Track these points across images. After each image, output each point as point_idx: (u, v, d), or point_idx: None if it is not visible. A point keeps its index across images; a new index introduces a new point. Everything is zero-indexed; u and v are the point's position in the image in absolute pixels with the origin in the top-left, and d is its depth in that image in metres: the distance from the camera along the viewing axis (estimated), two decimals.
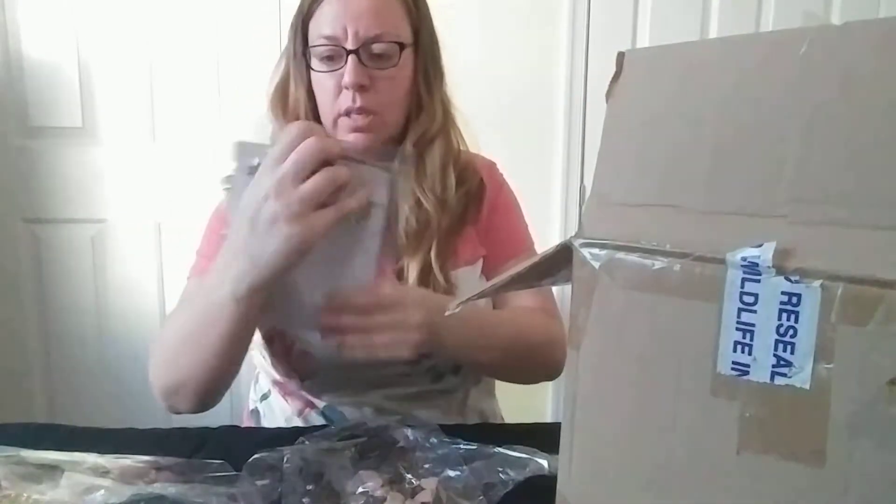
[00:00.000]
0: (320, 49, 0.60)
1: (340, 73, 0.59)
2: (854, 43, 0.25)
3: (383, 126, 0.62)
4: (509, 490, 0.42)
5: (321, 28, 0.60)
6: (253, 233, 0.47)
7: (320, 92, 0.62)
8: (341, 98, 0.60)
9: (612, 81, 0.32)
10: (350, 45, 0.58)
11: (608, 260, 0.30)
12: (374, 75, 0.59)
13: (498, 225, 0.70)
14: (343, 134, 0.61)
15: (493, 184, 0.71)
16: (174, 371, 0.54)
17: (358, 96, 0.59)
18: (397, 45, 0.60)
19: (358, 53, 0.58)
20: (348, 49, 0.58)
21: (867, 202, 0.24)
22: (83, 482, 0.42)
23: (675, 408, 0.28)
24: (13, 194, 1.31)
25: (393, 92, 0.61)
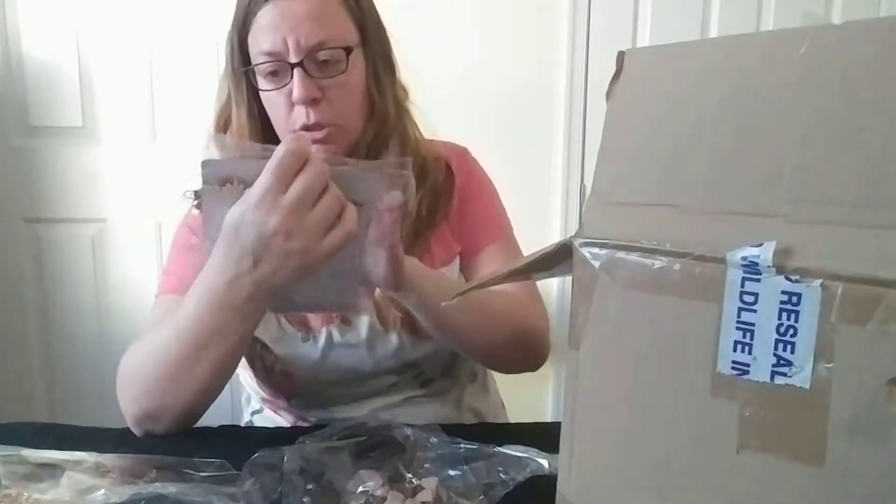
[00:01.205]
0: (263, 67, 0.56)
1: (288, 88, 0.55)
2: (854, 42, 0.25)
3: (343, 134, 0.59)
4: (510, 490, 0.42)
5: (260, 44, 0.55)
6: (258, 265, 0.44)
7: (271, 109, 0.58)
8: (294, 114, 0.56)
9: (612, 81, 0.32)
10: (293, 57, 0.54)
11: (608, 259, 0.30)
12: (324, 86, 0.56)
13: (470, 212, 0.66)
14: None
15: (462, 171, 0.67)
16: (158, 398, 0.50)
17: (311, 111, 0.55)
18: (343, 51, 0.56)
19: (303, 65, 0.54)
20: (292, 63, 0.54)
21: (867, 202, 0.24)
22: (84, 481, 0.42)
23: (675, 407, 0.28)
24: (13, 194, 1.32)
25: (347, 100, 0.58)
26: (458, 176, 0.66)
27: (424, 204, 0.62)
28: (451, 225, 0.66)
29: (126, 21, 1.27)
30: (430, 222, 0.63)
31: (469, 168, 0.70)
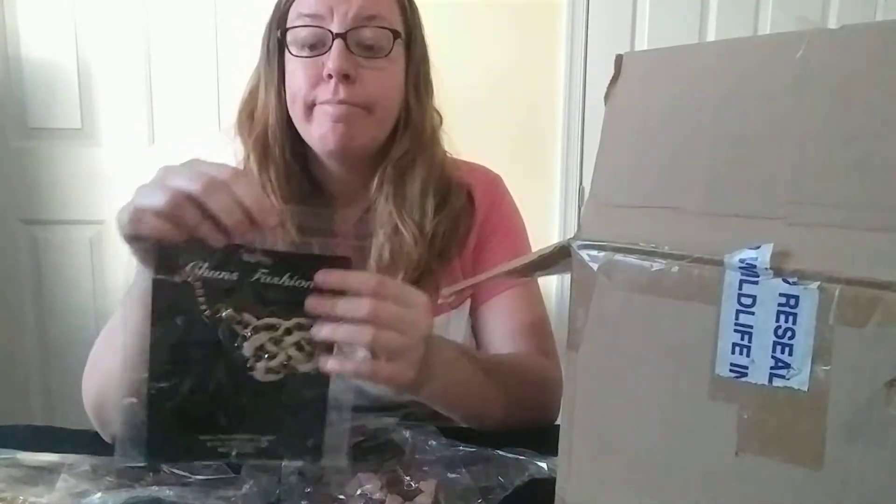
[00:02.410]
0: (300, 31, 0.51)
1: (322, 59, 0.50)
2: (851, 46, 0.25)
3: (366, 125, 0.52)
4: (508, 493, 0.42)
5: (302, 7, 0.51)
6: None
7: (293, 81, 0.52)
8: (319, 89, 0.51)
9: (610, 84, 0.32)
10: (336, 27, 0.49)
11: (607, 261, 0.30)
12: (362, 66, 0.50)
13: (488, 250, 0.59)
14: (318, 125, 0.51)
15: (486, 202, 0.60)
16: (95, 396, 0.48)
17: (341, 88, 0.49)
18: (390, 33, 0.51)
19: (345, 38, 0.49)
20: (334, 32, 0.49)
21: (865, 204, 0.24)
22: (79, 485, 0.42)
23: (674, 410, 0.28)
24: (12, 195, 1.31)
25: (382, 86, 0.52)
26: (480, 208, 0.59)
27: (439, 234, 0.56)
28: (464, 263, 0.58)
29: (125, 23, 1.27)
30: (442, 257, 0.56)
31: (495, 199, 0.62)
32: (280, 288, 0.38)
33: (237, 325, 0.38)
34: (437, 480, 0.43)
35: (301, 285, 0.38)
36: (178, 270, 0.37)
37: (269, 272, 0.38)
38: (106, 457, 0.46)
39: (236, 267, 0.37)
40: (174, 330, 0.37)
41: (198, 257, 0.37)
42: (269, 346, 0.39)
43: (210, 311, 0.38)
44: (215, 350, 0.38)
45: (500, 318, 0.59)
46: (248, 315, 0.38)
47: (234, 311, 0.38)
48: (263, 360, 0.39)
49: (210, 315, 0.38)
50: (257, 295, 0.38)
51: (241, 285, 0.38)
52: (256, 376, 0.39)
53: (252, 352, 0.38)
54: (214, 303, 0.38)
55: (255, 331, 0.38)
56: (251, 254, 0.38)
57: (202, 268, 0.37)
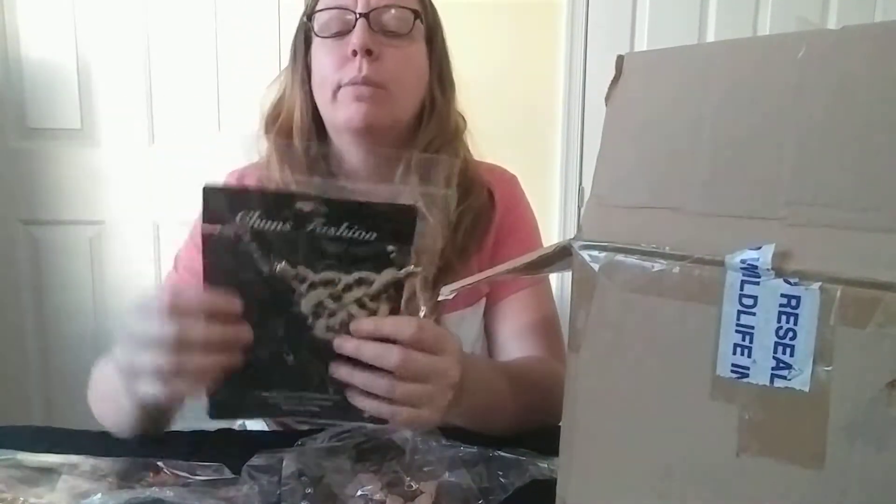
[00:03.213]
0: (324, 15, 0.54)
1: (346, 41, 0.53)
2: (851, 47, 0.25)
3: (390, 103, 0.54)
4: (509, 494, 0.42)
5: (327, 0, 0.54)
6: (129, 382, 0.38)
7: (319, 67, 0.55)
8: (345, 69, 0.53)
9: (611, 85, 0.32)
10: (360, 7, 0.53)
11: (607, 262, 0.30)
12: (384, 45, 0.53)
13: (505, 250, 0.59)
14: (343, 106, 0.53)
15: (504, 202, 0.61)
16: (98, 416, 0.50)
17: (365, 64, 0.52)
18: (411, 13, 0.54)
19: (368, 18, 0.53)
20: (358, 13, 0.53)
21: (865, 204, 0.24)
22: (80, 485, 0.42)
23: (675, 410, 0.28)
24: (11, 196, 1.31)
25: (403, 65, 0.54)
26: (499, 207, 0.60)
27: (461, 228, 0.56)
28: (481, 261, 0.59)
29: (124, 23, 1.27)
30: (463, 255, 0.56)
31: (513, 200, 0.63)
32: (338, 240, 0.35)
33: (294, 279, 0.35)
34: (438, 481, 0.43)
35: (361, 237, 0.35)
36: (227, 221, 0.34)
37: (326, 222, 0.35)
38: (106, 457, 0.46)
39: (290, 216, 0.34)
40: (227, 286, 0.35)
41: (248, 205, 0.34)
42: (329, 302, 0.36)
43: (264, 265, 0.35)
44: (273, 306, 0.36)
45: (510, 317, 0.60)
46: (305, 269, 0.35)
47: (290, 264, 0.35)
48: (324, 318, 0.36)
49: (265, 270, 0.35)
50: (313, 247, 0.35)
51: (295, 236, 0.35)
52: (317, 334, 0.36)
53: (310, 309, 0.36)
54: (268, 255, 0.35)
55: (313, 287, 0.35)
56: (306, 201, 0.34)
57: (252, 217, 0.34)
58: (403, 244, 0.36)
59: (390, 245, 0.36)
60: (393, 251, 0.36)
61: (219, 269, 0.35)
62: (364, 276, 0.36)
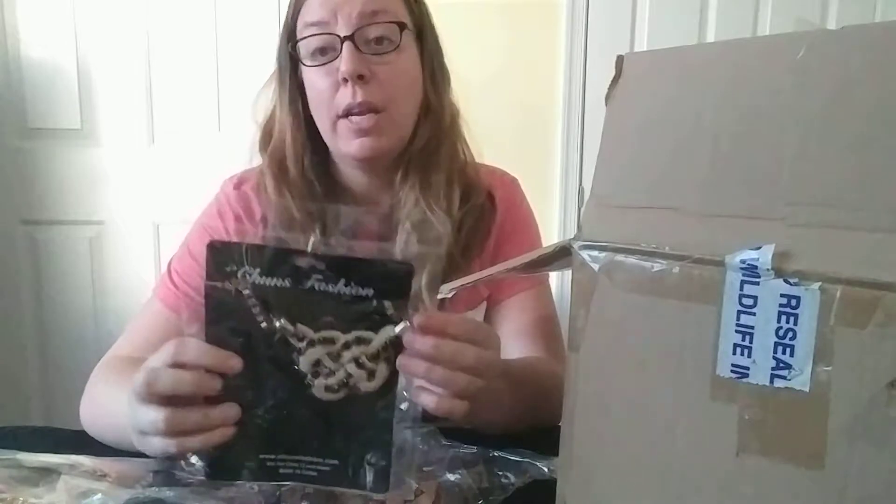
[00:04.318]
0: (309, 40, 0.52)
1: (335, 65, 0.51)
2: (851, 47, 0.25)
3: (392, 126, 0.53)
4: (509, 494, 0.42)
5: (308, 16, 0.52)
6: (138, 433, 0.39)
7: (313, 94, 0.53)
8: (339, 96, 0.52)
9: (611, 85, 0.32)
10: (343, 30, 0.51)
11: (607, 262, 0.30)
12: (374, 63, 0.52)
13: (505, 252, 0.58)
14: (345, 140, 0.53)
15: (504, 204, 0.60)
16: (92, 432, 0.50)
17: (358, 89, 0.50)
18: (396, 26, 0.52)
19: (353, 39, 0.50)
20: (342, 35, 0.51)
21: (865, 205, 0.24)
22: (80, 486, 0.42)
23: (675, 410, 0.28)
24: (11, 196, 1.31)
25: (397, 82, 0.53)
26: (500, 209, 0.60)
27: (465, 227, 0.56)
28: (483, 263, 0.58)
29: (125, 23, 1.27)
30: (466, 254, 0.56)
31: (513, 202, 0.63)
32: (336, 296, 0.35)
33: (292, 337, 0.35)
34: (438, 481, 0.43)
35: (359, 293, 0.35)
36: (229, 277, 0.34)
37: (324, 279, 0.35)
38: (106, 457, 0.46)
39: (289, 273, 0.35)
40: (228, 341, 0.35)
41: (248, 263, 0.34)
42: (327, 361, 0.36)
43: (264, 322, 0.35)
44: (273, 364, 0.36)
45: (510, 319, 0.60)
46: (304, 327, 0.35)
47: (289, 321, 0.35)
48: (322, 377, 0.36)
49: (264, 326, 0.35)
50: (312, 304, 0.35)
51: (294, 293, 0.35)
52: (316, 394, 0.36)
53: (309, 367, 0.36)
54: (268, 313, 0.35)
55: (311, 344, 0.36)
56: (304, 258, 0.34)
57: (253, 274, 0.34)
58: (399, 300, 0.36)
59: (387, 301, 0.36)
60: (389, 308, 0.36)
61: (220, 324, 0.35)
62: (362, 335, 0.36)
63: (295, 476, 0.38)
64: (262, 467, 0.37)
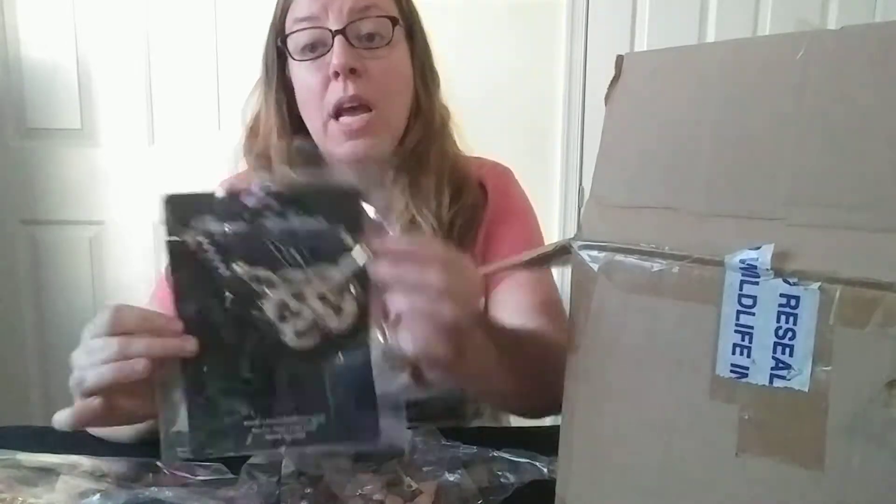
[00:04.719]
0: (298, 36, 0.51)
1: (326, 60, 0.50)
2: (851, 47, 0.25)
3: (383, 125, 0.52)
4: (508, 494, 0.42)
5: (298, 12, 0.51)
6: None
7: (303, 91, 0.52)
8: (329, 91, 0.50)
9: (611, 85, 0.32)
10: (334, 24, 0.50)
11: (607, 262, 0.30)
12: (366, 58, 0.51)
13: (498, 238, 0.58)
14: (336, 142, 0.52)
15: (497, 193, 0.60)
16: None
17: (349, 83, 0.49)
18: (388, 20, 0.52)
19: (344, 33, 0.49)
20: (333, 30, 0.49)
21: (865, 205, 0.24)
22: (79, 486, 0.42)
23: (674, 410, 0.28)
24: (11, 196, 1.31)
25: (389, 78, 0.52)
26: (491, 197, 0.59)
27: (455, 226, 0.55)
28: (476, 254, 0.57)
29: (125, 23, 1.27)
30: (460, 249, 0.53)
31: (504, 190, 0.62)
32: (290, 233, 0.34)
33: (254, 282, 0.34)
34: (438, 481, 0.43)
35: (312, 225, 0.34)
36: (187, 230, 0.33)
37: (276, 214, 0.34)
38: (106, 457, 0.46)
39: (241, 215, 0.34)
40: (195, 299, 0.34)
41: (202, 210, 0.33)
42: (292, 302, 0.34)
43: (225, 270, 0.34)
44: (242, 317, 0.34)
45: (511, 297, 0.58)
46: (264, 270, 0.34)
47: (248, 265, 0.34)
48: (290, 322, 0.34)
49: (226, 275, 0.34)
50: (268, 244, 0.34)
51: (249, 236, 0.34)
52: (288, 342, 0.34)
53: (275, 312, 0.34)
54: (227, 260, 0.34)
55: (273, 286, 0.34)
56: (252, 197, 0.33)
57: (207, 221, 0.33)
58: (355, 227, 0.35)
59: (341, 228, 0.34)
60: (346, 236, 0.34)
61: (183, 279, 0.34)
62: (323, 269, 0.34)
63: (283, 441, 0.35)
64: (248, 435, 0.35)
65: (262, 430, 0.35)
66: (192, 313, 0.35)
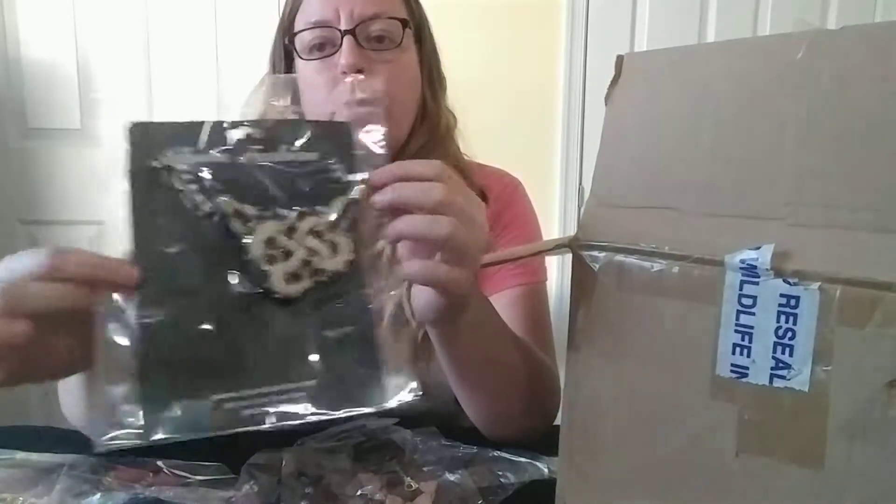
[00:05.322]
0: (307, 36, 0.51)
1: (334, 60, 0.50)
2: (850, 47, 0.25)
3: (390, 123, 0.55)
4: (509, 494, 0.42)
5: (308, 15, 0.51)
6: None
7: (309, 90, 0.51)
8: (336, 92, 0.50)
9: (611, 85, 0.32)
10: (343, 24, 0.50)
11: (607, 262, 0.30)
12: (374, 60, 0.51)
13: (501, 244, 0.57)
14: None
15: (500, 202, 0.59)
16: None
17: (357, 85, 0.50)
18: (399, 23, 0.51)
19: (354, 33, 0.49)
20: (343, 30, 0.50)
21: (865, 204, 0.24)
22: (79, 485, 0.42)
23: (674, 410, 0.28)
24: (11, 196, 1.31)
25: (397, 79, 0.52)
26: (492, 208, 0.57)
27: None
28: None
29: (125, 23, 1.27)
30: None
31: (510, 200, 0.61)
32: (280, 165, 0.30)
33: (238, 219, 0.29)
34: (438, 481, 0.43)
35: (303, 158, 0.31)
36: (157, 157, 0.29)
37: (264, 147, 0.30)
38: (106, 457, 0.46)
39: (224, 146, 0.30)
40: (161, 236, 0.28)
41: (178, 140, 0.29)
42: (282, 238, 0.30)
43: (206, 204, 0.29)
44: (218, 259, 0.29)
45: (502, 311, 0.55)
46: (250, 207, 0.30)
47: (233, 199, 0.29)
48: (280, 262, 0.29)
49: (205, 210, 0.29)
50: (255, 180, 0.30)
51: (233, 169, 0.30)
52: (276, 287, 0.29)
53: (262, 251, 0.29)
54: (206, 195, 0.29)
55: (260, 220, 0.30)
56: (238, 128, 0.30)
57: (184, 152, 0.29)
58: (345, 161, 0.32)
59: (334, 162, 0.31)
60: (337, 169, 0.31)
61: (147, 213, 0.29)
62: (316, 207, 0.31)
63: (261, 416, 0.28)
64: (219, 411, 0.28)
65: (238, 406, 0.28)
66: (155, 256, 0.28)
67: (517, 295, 0.58)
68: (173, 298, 0.28)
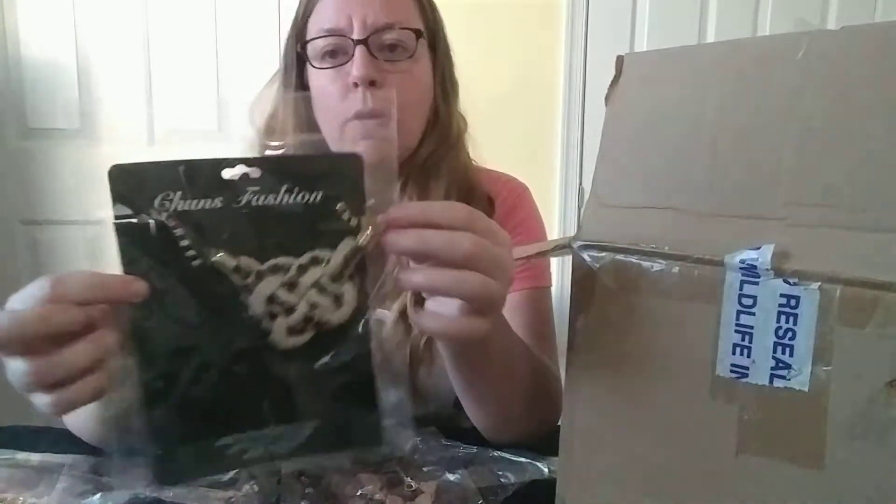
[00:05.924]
0: (320, 43, 0.50)
1: (346, 69, 0.50)
2: (851, 47, 0.25)
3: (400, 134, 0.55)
4: (508, 494, 0.42)
5: (322, 22, 0.51)
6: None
7: (320, 97, 0.52)
8: (348, 101, 0.50)
9: (611, 85, 0.32)
10: (357, 34, 0.49)
11: (607, 262, 0.30)
12: (387, 71, 0.51)
13: None
14: (352, 141, 0.51)
15: (505, 206, 0.59)
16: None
17: (369, 95, 0.49)
18: (412, 33, 0.51)
19: (367, 43, 0.49)
20: (355, 39, 0.49)
21: (865, 205, 0.24)
22: (80, 485, 0.42)
23: (674, 410, 0.28)
24: (11, 196, 1.31)
25: (409, 90, 0.52)
26: (498, 212, 0.58)
27: None
28: None
29: (125, 23, 1.27)
30: None
31: (514, 205, 0.61)
32: (280, 209, 0.28)
33: (235, 274, 0.28)
34: (438, 481, 0.43)
35: (305, 199, 0.28)
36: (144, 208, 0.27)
37: (261, 188, 0.27)
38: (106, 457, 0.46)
39: (218, 190, 0.27)
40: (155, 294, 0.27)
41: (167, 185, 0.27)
42: (283, 293, 0.28)
43: (197, 259, 0.27)
44: (217, 314, 0.28)
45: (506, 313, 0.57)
46: (247, 259, 0.28)
47: (228, 253, 0.28)
48: (281, 317, 0.28)
49: (197, 264, 0.27)
50: (252, 226, 0.28)
51: (228, 215, 0.27)
52: (277, 341, 0.28)
53: (263, 307, 0.28)
54: (200, 246, 0.27)
55: (260, 277, 0.28)
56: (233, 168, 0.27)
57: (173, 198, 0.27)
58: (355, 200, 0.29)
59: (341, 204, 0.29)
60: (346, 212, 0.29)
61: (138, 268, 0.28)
62: (319, 254, 0.29)
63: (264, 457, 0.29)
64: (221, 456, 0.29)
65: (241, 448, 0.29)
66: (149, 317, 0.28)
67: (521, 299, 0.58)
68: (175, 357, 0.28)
